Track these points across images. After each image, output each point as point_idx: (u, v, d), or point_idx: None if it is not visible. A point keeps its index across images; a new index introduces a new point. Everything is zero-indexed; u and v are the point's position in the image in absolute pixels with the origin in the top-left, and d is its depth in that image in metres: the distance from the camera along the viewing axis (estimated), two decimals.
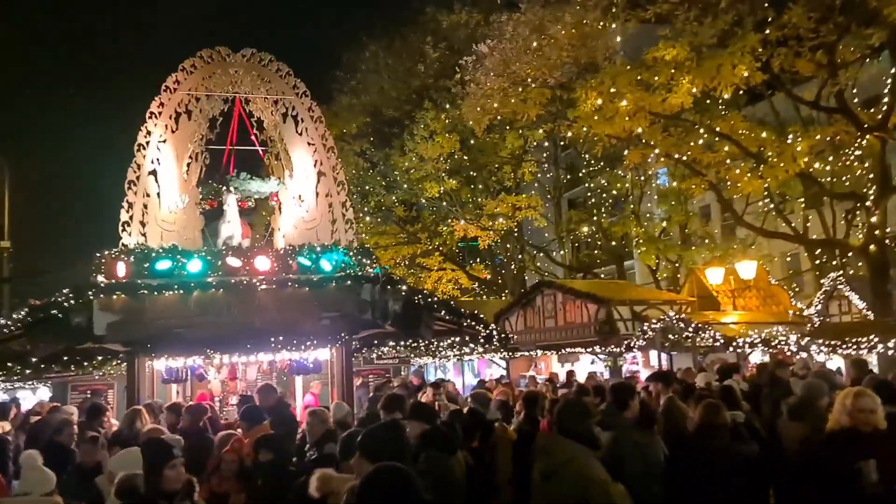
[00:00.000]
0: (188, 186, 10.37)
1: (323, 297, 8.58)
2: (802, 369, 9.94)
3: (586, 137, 21.18)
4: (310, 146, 10.37)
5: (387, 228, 32.53)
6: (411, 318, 9.18)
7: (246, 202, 11.42)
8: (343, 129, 32.12)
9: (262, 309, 8.46)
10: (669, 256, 28.52)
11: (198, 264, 8.80)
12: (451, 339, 10.75)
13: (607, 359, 19.38)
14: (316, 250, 9.14)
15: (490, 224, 28.35)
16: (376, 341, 10.59)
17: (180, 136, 10.20)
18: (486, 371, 27.54)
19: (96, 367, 9.99)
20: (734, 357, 17.63)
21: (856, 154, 18.56)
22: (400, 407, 6.45)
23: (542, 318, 21.92)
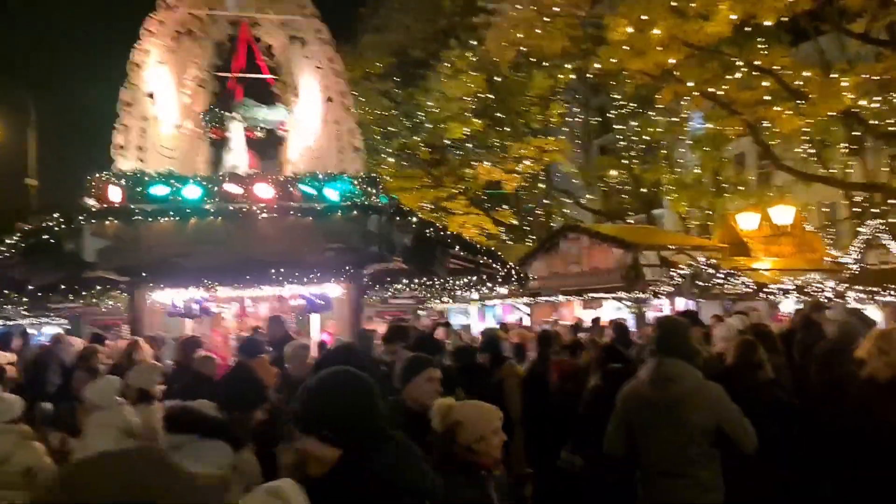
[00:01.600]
0: (191, 112, 9.87)
1: (327, 227, 8.10)
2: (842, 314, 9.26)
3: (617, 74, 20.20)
4: (317, 70, 9.77)
5: (412, 172, 31.89)
6: (423, 254, 8.68)
7: (253, 131, 10.91)
8: (367, 68, 31.34)
9: (262, 239, 8.02)
10: (701, 204, 27.60)
11: (195, 190, 8.36)
12: (467, 279, 10.23)
13: (633, 305, 18.80)
14: (319, 178, 8.63)
15: (515, 167, 27.54)
16: (388, 278, 10.14)
17: (181, 58, 9.66)
18: (509, 317, 27.19)
19: (96, 298, 9.69)
20: (765, 306, 16.94)
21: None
22: (402, 338, 6.02)
23: (567, 263, 21.33)
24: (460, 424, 3.18)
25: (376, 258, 8.03)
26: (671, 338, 4.30)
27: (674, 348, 4.22)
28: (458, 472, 3.05)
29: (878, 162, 22.63)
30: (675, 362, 4.13)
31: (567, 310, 23.67)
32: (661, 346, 4.29)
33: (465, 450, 3.13)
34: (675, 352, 4.20)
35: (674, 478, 4.01)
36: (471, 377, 5.75)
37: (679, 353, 4.20)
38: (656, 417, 4.11)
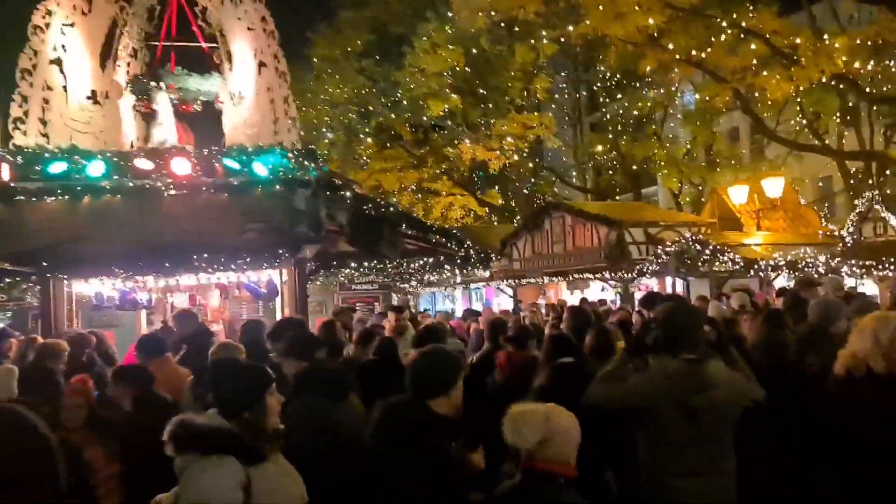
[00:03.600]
0: (109, 81, 8.88)
1: (246, 204, 7.16)
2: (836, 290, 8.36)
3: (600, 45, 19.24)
4: (249, 32, 8.78)
5: (393, 152, 30.89)
6: (369, 234, 7.73)
7: (190, 104, 9.91)
8: (347, 46, 30.28)
9: (171, 219, 7.08)
10: (693, 179, 26.76)
11: (100, 167, 7.41)
12: (423, 261, 9.31)
13: (617, 285, 17.92)
14: (247, 151, 7.68)
15: (499, 145, 26.54)
16: (335, 262, 9.22)
17: (94, 21, 8.66)
18: (494, 299, 26.38)
19: (4, 291, 8.72)
20: (756, 283, 16.08)
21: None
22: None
23: (550, 242, 20.43)
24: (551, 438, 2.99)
25: (311, 240, 7.11)
26: (687, 330, 3.88)
27: (693, 343, 3.84)
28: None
29: (873, 132, 21.71)
30: (711, 365, 3.80)
31: (553, 291, 22.85)
32: (678, 341, 3.83)
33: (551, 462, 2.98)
34: (693, 347, 3.82)
35: (705, 477, 3.70)
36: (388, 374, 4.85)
37: (696, 348, 3.84)
38: (692, 423, 3.70)
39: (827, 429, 3.49)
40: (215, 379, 3.17)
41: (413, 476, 3.25)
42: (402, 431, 3.34)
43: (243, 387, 3.01)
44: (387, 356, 5.55)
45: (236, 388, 3.00)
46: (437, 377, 3.49)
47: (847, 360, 3.32)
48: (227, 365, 3.23)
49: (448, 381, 3.48)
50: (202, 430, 2.78)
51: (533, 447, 3.01)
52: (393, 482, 3.30)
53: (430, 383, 3.46)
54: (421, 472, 3.24)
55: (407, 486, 3.25)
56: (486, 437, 4.91)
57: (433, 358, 3.62)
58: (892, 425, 3.10)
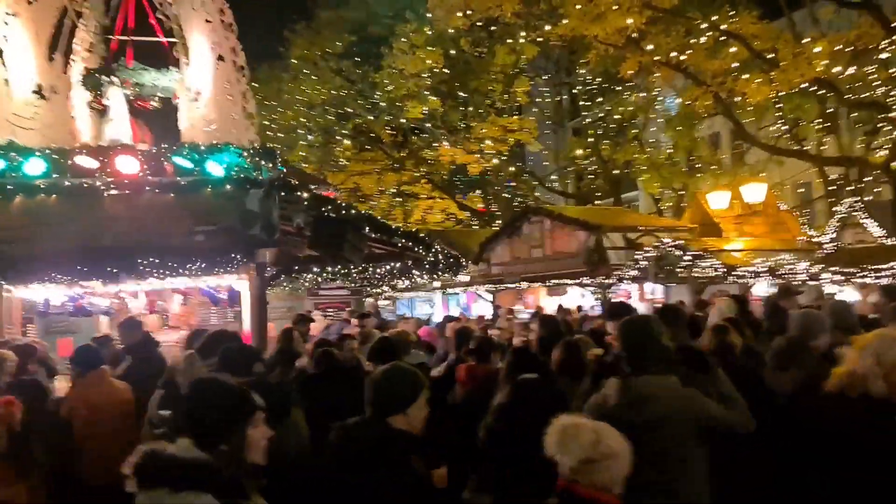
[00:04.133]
0: (57, 75, 8.39)
1: (194, 205, 6.71)
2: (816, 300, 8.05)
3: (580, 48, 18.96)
4: (207, 24, 8.34)
5: (372, 154, 30.50)
6: (330, 238, 7.30)
7: (147, 100, 9.45)
8: (326, 47, 29.86)
9: (112, 220, 6.61)
10: (674, 185, 26.59)
11: (38, 165, 6.94)
12: (389, 265, 8.90)
13: (597, 291, 17.60)
14: (200, 149, 7.23)
15: (479, 149, 26.19)
16: (297, 267, 8.78)
17: (41, 11, 8.17)
18: (473, 305, 26.00)
19: None
20: (736, 289, 15.83)
21: (880, 59, 16.27)
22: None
23: (529, 247, 20.07)
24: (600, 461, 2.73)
25: (261, 242, 6.68)
26: (638, 347, 3.76)
27: (644, 359, 3.70)
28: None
29: (853, 138, 21.64)
30: (646, 380, 3.63)
31: (532, 297, 22.50)
32: (629, 359, 3.78)
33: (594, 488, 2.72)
34: (645, 363, 3.69)
35: (658, 499, 3.48)
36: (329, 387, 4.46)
37: (651, 364, 3.69)
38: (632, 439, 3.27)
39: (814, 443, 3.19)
40: (191, 401, 2.78)
41: (378, 496, 3.06)
42: (363, 450, 3.15)
43: (223, 413, 2.63)
44: (328, 369, 5.14)
45: (215, 414, 2.62)
46: (396, 393, 3.29)
47: (842, 378, 2.98)
48: (205, 385, 2.83)
49: (408, 398, 3.29)
50: (174, 463, 2.41)
51: (576, 466, 2.77)
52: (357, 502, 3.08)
53: (390, 400, 3.27)
54: (386, 492, 3.05)
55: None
56: (447, 453, 4.53)
57: (392, 374, 3.40)
58: (887, 457, 2.75)
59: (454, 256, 8.90)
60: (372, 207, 30.47)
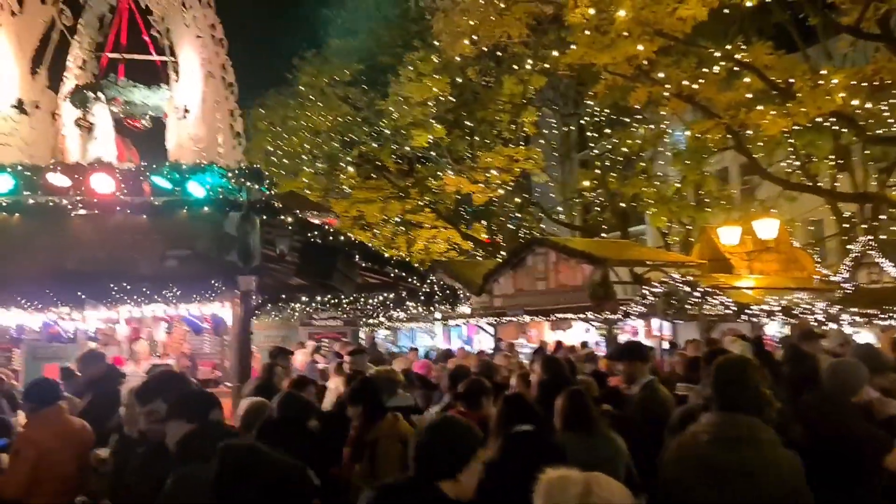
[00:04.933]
0: (40, 90, 8.03)
1: (168, 228, 6.26)
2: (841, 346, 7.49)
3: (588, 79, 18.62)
4: (198, 40, 7.99)
5: (377, 182, 30.22)
6: (318, 266, 6.83)
7: (137, 119, 9.08)
8: (334, 75, 29.80)
9: (77, 242, 6.17)
10: (682, 219, 26.13)
11: (7, 182, 6.52)
12: (382, 296, 8.42)
13: (602, 326, 17.05)
14: (181, 169, 6.81)
15: (484, 178, 25.82)
16: (284, 296, 8.29)
17: (25, 23, 7.84)
18: (475, 337, 25.43)
19: None
20: (748, 328, 15.25)
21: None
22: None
23: (533, 279, 19.56)
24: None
25: (241, 269, 6.21)
26: (736, 386, 3.40)
27: (741, 400, 3.35)
28: None
29: (867, 175, 21.16)
30: (745, 419, 3.30)
31: (535, 331, 21.92)
32: (723, 398, 3.40)
33: None
34: (742, 404, 3.33)
35: None
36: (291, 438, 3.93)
37: (748, 407, 3.34)
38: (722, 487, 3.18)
39: None
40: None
41: None
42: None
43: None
44: (291, 416, 4.59)
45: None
46: (447, 453, 2.84)
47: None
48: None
49: (461, 459, 2.86)
50: None
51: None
52: None
53: (438, 461, 2.82)
54: None
55: None
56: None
57: (442, 429, 2.96)
58: None
59: (450, 288, 8.41)
60: (375, 235, 30.12)
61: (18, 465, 4.52)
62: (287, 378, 6.97)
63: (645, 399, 5.11)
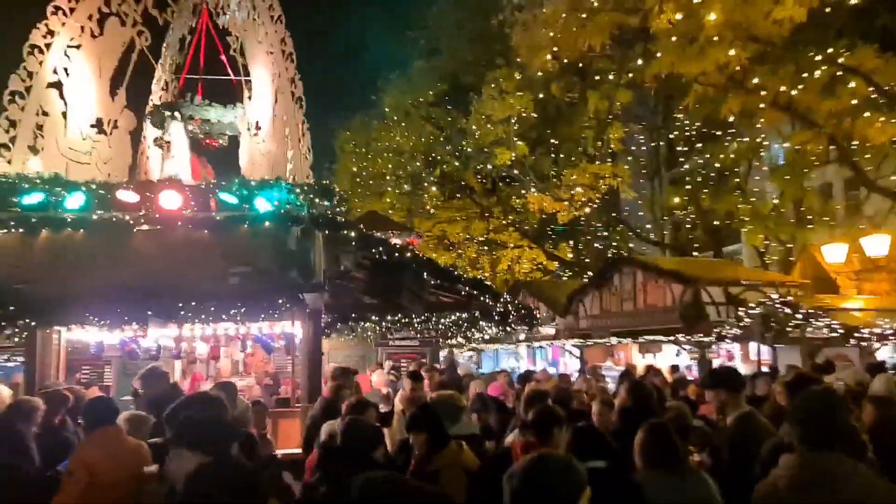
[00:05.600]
0: (119, 109, 8.16)
1: (230, 244, 6.11)
2: None
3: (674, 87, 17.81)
4: (269, 56, 7.94)
5: (459, 202, 30.12)
6: (386, 284, 6.56)
7: (215, 139, 9.13)
8: (419, 96, 29.97)
9: (138, 259, 6.10)
10: (781, 236, 24.67)
11: (78, 199, 6.57)
12: (455, 316, 8.07)
13: (693, 350, 16.12)
14: (249, 185, 6.69)
15: (569, 196, 25.20)
16: (354, 314, 8.06)
17: (105, 44, 7.99)
18: (561, 360, 24.75)
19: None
20: (856, 353, 14.06)
21: None
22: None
23: (620, 300, 18.78)
24: None
25: (306, 287, 6.00)
26: (824, 421, 3.08)
27: (829, 436, 3.04)
28: None
29: None
30: (834, 457, 2.99)
31: (623, 353, 21.06)
32: (809, 434, 3.08)
33: None
34: (830, 441, 3.03)
35: None
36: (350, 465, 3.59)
37: (838, 444, 3.03)
38: None
39: None
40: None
41: None
42: None
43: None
44: (354, 445, 4.25)
45: None
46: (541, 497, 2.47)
47: None
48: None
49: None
50: None
51: None
52: None
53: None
54: None
55: None
56: None
57: (539, 468, 2.57)
58: None
59: (526, 308, 7.98)
60: (459, 256, 29.93)
61: (70, 487, 4.39)
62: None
63: (736, 434, 4.53)
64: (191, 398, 4.02)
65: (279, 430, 11.18)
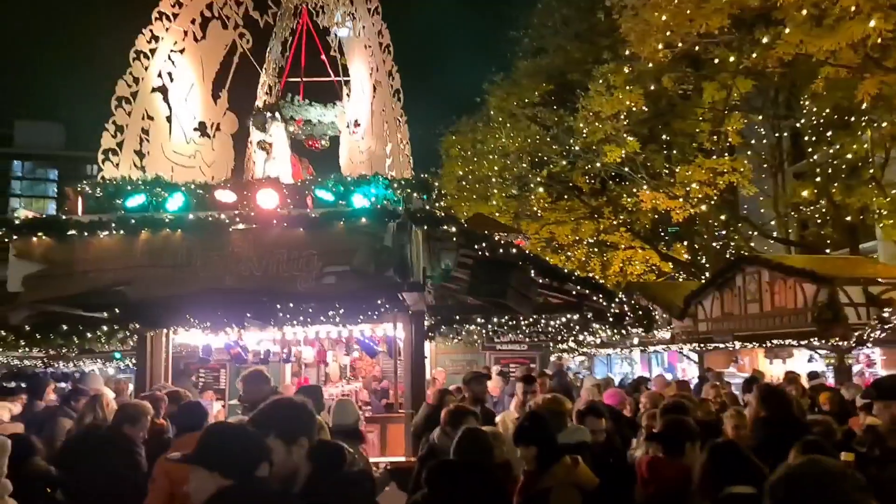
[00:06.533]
0: (221, 112, 8.17)
1: (325, 242, 5.84)
2: None
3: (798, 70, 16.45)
4: (367, 50, 7.71)
5: (567, 203, 29.35)
6: (491, 283, 6.15)
7: (317, 140, 9.04)
8: (524, 97, 29.47)
9: (235, 259, 5.93)
10: None
11: (178, 200, 6.52)
12: (566, 317, 7.53)
13: (829, 355, 14.77)
14: (346, 182, 6.45)
15: (683, 193, 23.92)
16: (458, 317, 7.68)
17: (208, 48, 8.01)
18: (678, 365, 23.56)
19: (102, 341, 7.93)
20: None
21: None
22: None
23: (743, 301, 17.53)
24: None
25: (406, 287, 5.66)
26: None
27: None
28: None
29: None
30: None
31: (747, 359, 19.70)
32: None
33: None
34: None
35: None
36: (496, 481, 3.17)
37: None
38: None
39: None
40: None
41: None
42: None
43: None
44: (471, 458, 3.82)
45: None
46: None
47: None
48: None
49: None
50: None
51: None
52: None
53: None
54: None
55: None
56: None
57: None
58: None
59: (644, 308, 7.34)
60: (569, 258, 29.14)
61: (154, 494, 4.23)
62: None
63: None
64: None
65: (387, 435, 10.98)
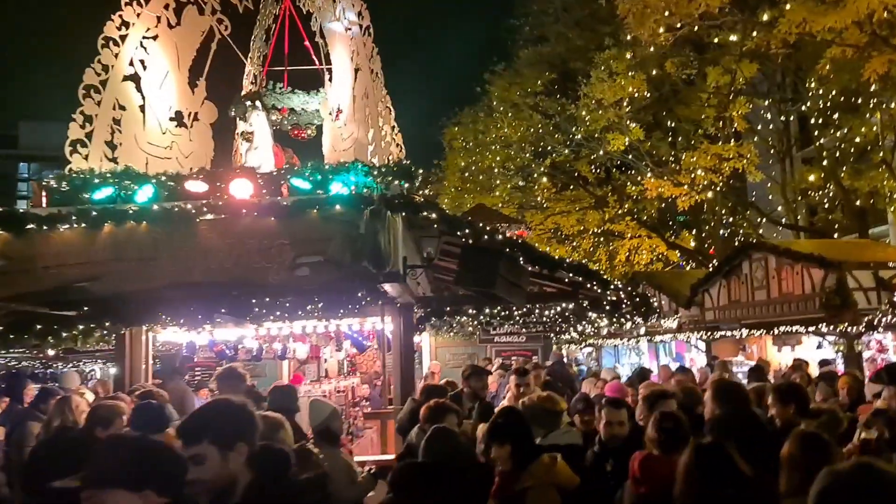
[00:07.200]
0: (199, 102, 7.88)
1: (298, 231, 5.54)
2: None
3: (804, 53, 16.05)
4: (346, 33, 7.40)
5: (572, 193, 29.01)
6: (478, 272, 5.85)
7: (302, 130, 8.76)
8: (526, 87, 29.11)
9: (203, 251, 5.64)
10: None
11: (147, 191, 6.24)
12: (560, 307, 7.22)
13: (838, 341, 14.39)
14: (323, 169, 6.15)
15: (689, 180, 23.52)
16: (448, 308, 7.38)
17: (183, 35, 7.72)
18: (686, 354, 23.17)
19: (78, 340, 7.65)
20: None
21: None
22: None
23: (750, 288, 17.17)
24: None
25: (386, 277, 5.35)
26: None
27: None
28: None
29: None
30: None
31: (755, 347, 19.31)
32: None
33: None
34: None
35: None
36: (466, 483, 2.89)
37: None
38: None
39: None
40: None
41: None
42: None
43: None
44: (437, 460, 3.55)
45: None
46: None
47: None
48: None
49: None
50: None
51: None
52: None
53: None
54: None
55: None
56: None
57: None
58: None
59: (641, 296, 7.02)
60: (574, 249, 28.82)
61: None
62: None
63: None
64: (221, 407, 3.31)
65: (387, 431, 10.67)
